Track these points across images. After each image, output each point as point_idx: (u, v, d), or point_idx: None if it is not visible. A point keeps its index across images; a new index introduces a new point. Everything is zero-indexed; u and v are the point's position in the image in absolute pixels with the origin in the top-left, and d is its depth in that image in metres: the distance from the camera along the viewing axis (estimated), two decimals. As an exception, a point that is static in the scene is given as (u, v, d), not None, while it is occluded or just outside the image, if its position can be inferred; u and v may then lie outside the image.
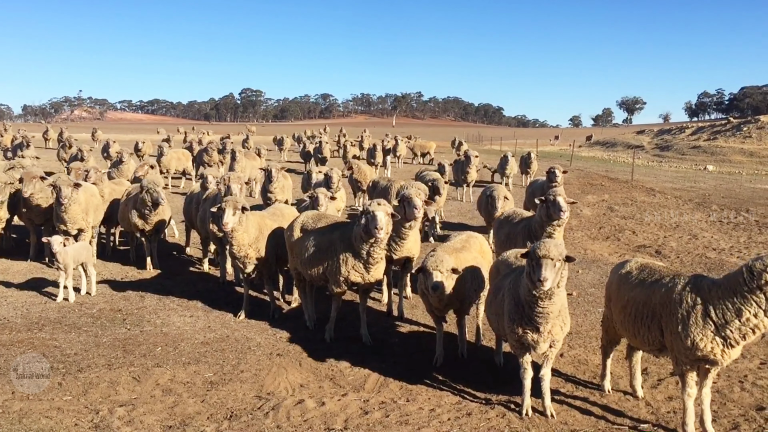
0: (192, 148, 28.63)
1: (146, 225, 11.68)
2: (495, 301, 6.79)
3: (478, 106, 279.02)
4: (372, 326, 8.67)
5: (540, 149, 51.03)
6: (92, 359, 7.63)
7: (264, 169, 15.32)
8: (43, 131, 46.96)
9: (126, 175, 17.59)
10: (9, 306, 9.56)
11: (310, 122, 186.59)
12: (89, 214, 11.64)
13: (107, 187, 13.10)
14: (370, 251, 7.86)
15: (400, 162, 36.12)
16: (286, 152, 41.35)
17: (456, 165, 22.73)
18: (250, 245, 8.97)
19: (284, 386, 7.06)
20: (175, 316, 9.32)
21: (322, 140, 32.52)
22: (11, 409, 6.30)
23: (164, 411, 6.40)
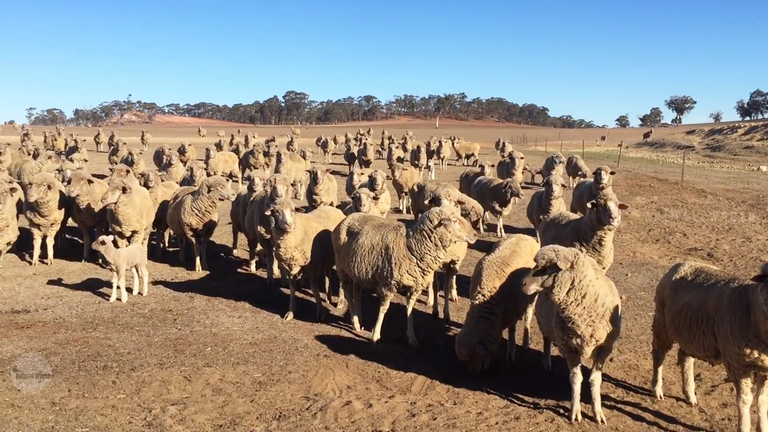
0: (238, 151, 29.03)
1: (200, 224, 11.90)
2: (546, 304, 6.73)
3: (522, 107, 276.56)
4: (418, 328, 8.66)
5: (586, 150, 50.33)
6: (145, 358, 7.80)
7: (309, 171, 15.45)
8: (94, 135, 48.21)
9: (175, 178, 17.93)
10: (65, 305, 9.84)
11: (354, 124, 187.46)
12: (143, 216, 11.91)
13: (159, 190, 13.39)
14: (437, 256, 7.93)
15: (444, 164, 36.02)
16: (330, 154, 41.60)
17: (500, 166, 22.58)
18: (296, 247, 9.06)
19: (331, 387, 7.11)
20: (224, 317, 9.46)
21: (366, 142, 32.62)
22: (68, 407, 6.48)
23: (214, 410, 6.50)
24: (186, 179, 16.07)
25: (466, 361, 7.40)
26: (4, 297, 10.20)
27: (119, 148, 27.59)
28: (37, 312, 9.49)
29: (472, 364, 7.40)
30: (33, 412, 6.33)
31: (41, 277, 11.43)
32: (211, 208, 11.96)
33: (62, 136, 42.17)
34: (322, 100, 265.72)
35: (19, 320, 9.08)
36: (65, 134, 45.59)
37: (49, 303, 9.95)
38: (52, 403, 6.54)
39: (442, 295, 9.90)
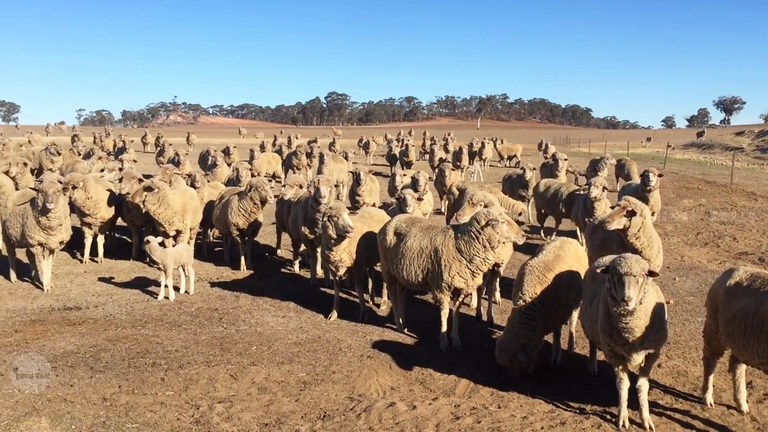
0: (281, 152, 29.32)
1: (245, 224, 12.06)
2: (590, 308, 6.64)
3: (565, 108, 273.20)
4: (461, 331, 8.63)
5: (631, 151, 49.52)
6: (192, 356, 7.93)
7: (352, 172, 15.53)
8: (141, 136, 49.21)
9: (220, 179, 18.19)
10: (114, 303, 10.06)
11: (395, 125, 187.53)
12: (186, 216, 12.11)
13: (205, 190, 13.61)
14: (486, 258, 7.92)
15: (486, 165, 35.80)
16: (371, 155, 41.72)
17: (544, 168, 22.34)
18: (344, 249, 9.12)
19: (375, 388, 7.13)
20: (269, 316, 9.56)
21: (408, 143, 32.62)
22: (118, 402, 6.63)
23: (260, 409, 6.58)
24: (231, 180, 16.29)
25: (506, 366, 7.35)
26: (57, 294, 10.49)
27: (165, 149, 28.14)
28: (88, 309, 9.73)
29: (511, 369, 7.34)
30: (85, 407, 6.50)
31: (92, 275, 11.72)
32: (256, 209, 12.13)
33: (111, 137, 43.15)
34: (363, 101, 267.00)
35: (71, 317, 9.33)
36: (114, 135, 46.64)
37: (99, 300, 10.19)
38: (103, 398, 6.70)
39: (485, 298, 9.85)
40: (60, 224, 10.42)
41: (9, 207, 10.92)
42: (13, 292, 10.56)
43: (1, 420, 6.14)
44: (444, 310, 8.33)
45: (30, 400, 6.61)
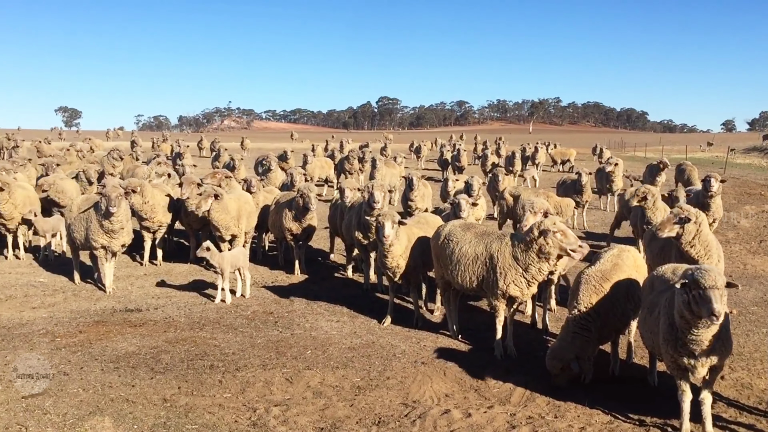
0: (333, 157, 29.53)
1: (299, 228, 12.19)
2: (649, 319, 6.50)
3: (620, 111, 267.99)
4: (516, 338, 8.54)
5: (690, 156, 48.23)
6: (248, 359, 8.05)
7: (405, 177, 15.55)
8: (197, 140, 50.25)
9: (274, 183, 18.44)
10: (173, 305, 10.29)
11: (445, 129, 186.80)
12: (241, 221, 12.31)
13: (260, 195, 13.82)
14: (541, 268, 7.84)
15: (539, 169, 35.41)
16: (423, 160, 41.69)
17: (599, 173, 21.97)
18: (401, 255, 9.14)
19: (429, 395, 7.12)
20: (323, 321, 9.64)
21: (460, 148, 32.50)
22: (178, 404, 6.77)
23: (316, 413, 6.63)
24: (285, 184, 16.50)
25: (555, 375, 7.23)
26: (119, 296, 10.79)
27: (221, 154, 28.63)
28: (148, 311, 9.97)
29: (559, 378, 7.22)
30: (146, 407, 6.66)
31: (151, 278, 12.02)
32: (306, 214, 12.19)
33: (168, 142, 44.16)
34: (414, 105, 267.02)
35: (132, 318, 9.58)
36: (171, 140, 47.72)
37: (159, 302, 10.44)
38: (163, 399, 6.86)
39: (540, 305, 9.74)
40: (122, 228, 10.74)
41: (74, 211, 11.30)
42: (77, 294, 10.91)
43: (67, 419, 6.34)
44: (499, 317, 8.26)
45: (94, 399, 6.80)
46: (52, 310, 9.96)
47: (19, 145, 35.57)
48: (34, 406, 6.58)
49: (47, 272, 12.32)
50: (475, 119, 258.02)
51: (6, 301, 10.39)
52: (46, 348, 8.27)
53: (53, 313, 9.80)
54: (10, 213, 12.92)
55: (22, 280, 11.65)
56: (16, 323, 9.25)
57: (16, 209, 12.98)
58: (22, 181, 15.27)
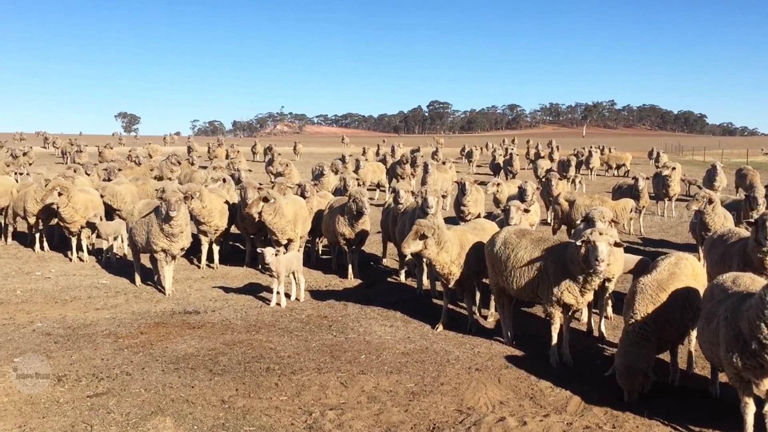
0: (385, 161, 29.66)
1: (352, 233, 12.29)
2: (708, 329, 6.33)
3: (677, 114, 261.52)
4: (572, 346, 8.42)
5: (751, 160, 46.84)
6: (303, 362, 8.15)
7: (458, 182, 15.49)
8: (251, 145, 51.06)
9: (327, 188, 18.60)
10: (230, 308, 10.49)
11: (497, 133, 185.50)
12: (297, 225, 12.49)
13: (314, 200, 13.98)
14: (588, 279, 7.70)
15: (593, 174, 34.87)
16: (474, 164, 41.49)
17: (656, 178, 21.51)
18: (452, 262, 9.14)
19: (484, 402, 7.08)
20: (376, 325, 9.69)
21: (513, 152, 32.25)
22: (235, 405, 6.90)
23: (370, 417, 6.67)
24: (338, 189, 16.64)
25: (629, 390, 7.04)
26: (177, 298, 11.05)
27: (275, 158, 29.04)
28: (206, 313, 10.19)
29: (634, 393, 7.03)
30: (205, 408, 6.81)
31: (209, 281, 12.28)
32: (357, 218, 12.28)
33: (222, 147, 44.98)
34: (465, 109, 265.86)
35: (190, 320, 9.80)
36: (226, 145, 48.61)
37: (216, 305, 10.66)
38: (221, 401, 7.00)
39: (596, 312, 9.59)
40: (181, 231, 11.02)
41: (135, 215, 11.65)
42: (138, 296, 11.22)
43: (130, 418, 6.53)
44: (555, 324, 8.17)
45: (155, 399, 6.99)
46: (114, 311, 10.28)
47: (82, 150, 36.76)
48: (98, 405, 6.80)
49: (109, 274, 12.71)
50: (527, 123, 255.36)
51: (71, 302, 10.76)
52: (110, 348, 8.53)
53: (116, 314, 10.11)
54: (71, 216, 13.40)
55: (85, 282, 12.05)
56: (80, 324, 9.57)
57: (77, 213, 13.45)
58: (84, 185, 15.80)
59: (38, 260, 14.02)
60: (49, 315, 9.98)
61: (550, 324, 8.23)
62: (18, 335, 9.02)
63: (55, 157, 46.59)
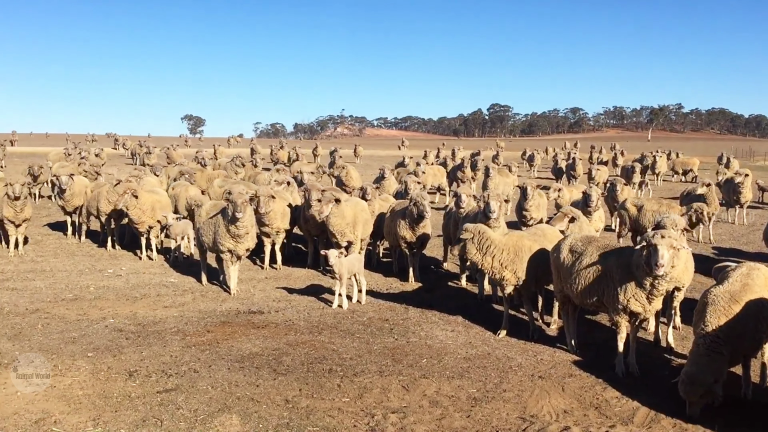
0: (446, 164, 29.58)
1: (413, 237, 12.32)
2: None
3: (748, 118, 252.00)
4: (638, 356, 8.22)
5: (828, 166, 44.86)
6: (365, 365, 8.21)
7: (519, 187, 15.35)
8: (312, 148, 51.67)
9: (388, 191, 18.68)
10: (293, 309, 10.65)
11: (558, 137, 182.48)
12: (357, 228, 12.59)
13: (376, 202, 14.07)
14: (654, 284, 7.51)
15: (659, 180, 34.00)
16: (536, 168, 40.98)
17: (726, 184, 20.84)
18: (503, 267, 9.08)
19: (547, 410, 6.99)
20: (438, 330, 9.68)
21: (575, 156, 31.73)
22: (299, 405, 7.00)
23: (432, 422, 6.67)
24: (399, 192, 16.69)
25: (692, 402, 6.85)
26: (242, 298, 11.28)
27: (336, 161, 29.32)
28: (269, 314, 10.37)
29: (696, 406, 6.81)
30: (270, 407, 6.93)
31: (272, 281, 12.50)
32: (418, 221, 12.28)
33: (285, 149, 45.63)
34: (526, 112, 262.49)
35: (255, 320, 9.99)
36: (288, 147, 49.30)
37: (279, 306, 10.83)
38: (285, 400, 7.11)
39: (664, 322, 9.35)
40: (247, 232, 11.26)
41: (203, 216, 11.96)
42: (204, 295, 11.50)
43: (198, 414, 6.70)
44: (621, 333, 8.00)
45: (222, 397, 7.15)
46: (182, 309, 10.56)
47: (151, 151, 37.88)
48: (168, 401, 7.00)
49: (177, 273, 13.07)
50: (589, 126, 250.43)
51: (141, 299, 11.11)
52: (178, 346, 8.77)
53: (183, 312, 10.38)
54: (139, 217, 13.88)
55: (154, 280, 12.42)
56: (150, 321, 9.87)
57: (145, 214, 13.91)
58: (153, 186, 16.31)
59: (110, 258, 14.53)
60: (120, 312, 10.34)
61: (616, 333, 8.07)
62: (91, 330, 9.37)
63: (124, 158, 48.18)
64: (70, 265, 13.74)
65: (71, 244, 16.09)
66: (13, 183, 14.20)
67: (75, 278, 12.53)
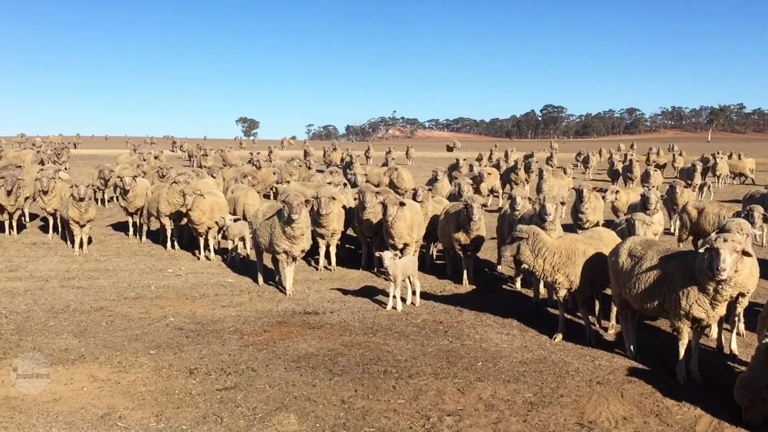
0: (499, 166, 29.34)
1: (468, 239, 12.27)
2: None
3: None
4: (700, 363, 8.01)
5: None
6: (420, 367, 8.22)
7: (575, 189, 15.14)
8: (365, 150, 51.91)
9: (441, 193, 18.66)
10: (347, 310, 10.73)
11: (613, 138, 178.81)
12: (414, 230, 12.61)
13: (429, 204, 14.07)
14: (718, 289, 7.32)
15: (721, 182, 33.04)
16: (591, 170, 40.29)
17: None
18: (555, 270, 8.99)
19: (606, 416, 6.88)
20: (493, 333, 9.63)
21: (633, 158, 31.09)
22: (355, 406, 7.06)
23: (488, 426, 6.64)
24: (453, 194, 16.65)
25: (746, 407, 6.67)
26: (297, 298, 11.43)
27: (388, 163, 29.40)
28: (324, 314, 10.48)
29: (751, 412, 6.63)
30: (326, 407, 7.01)
31: (326, 282, 12.62)
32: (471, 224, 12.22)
33: (338, 151, 45.95)
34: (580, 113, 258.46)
35: (310, 321, 10.11)
36: (341, 149, 49.64)
37: (334, 307, 10.93)
38: (341, 401, 7.18)
39: (727, 328, 9.09)
40: (302, 234, 11.41)
41: (259, 218, 12.16)
42: (261, 295, 11.69)
43: (256, 412, 6.82)
44: (682, 339, 7.81)
45: (279, 396, 7.27)
46: (239, 309, 10.76)
47: (208, 153, 38.63)
48: (227, 399, 7.15)
49: (234, 273, 13.32)
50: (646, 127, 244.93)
51: (200, 299, 11.36)
52: (236, 345, 8.94)
53: (240, 312, 10.58)
54: (199, 218, 14.22)
55: (212, 280, 12.69)
56: (209, 320, 10.09)
57: (204, 215, 14.24)
58: (211, 187, 16.66)
59: (169, 258, 14.90)
60: (180, 310, 10.59)
61: (677, 339, 7.89)
62: (153, 329, 9.62)
63: (182, 160, 49.25)
64: (132, 264, 14.15)
65: (132, 244, 16.56)
66: (78, 184, 14.72)
67: (137, 277, 12.90)
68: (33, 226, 18.87)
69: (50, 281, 12.46)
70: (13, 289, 11.79)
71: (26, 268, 13.55)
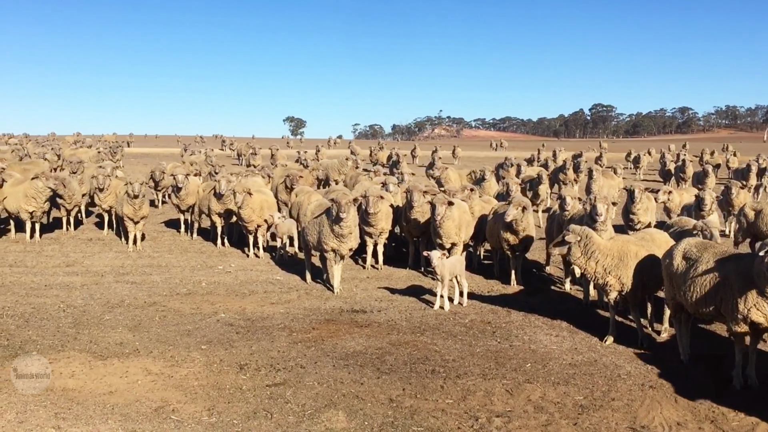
0: (547, 166, 29.00)
1: (516, 239, 12.17)
2: None
3: None
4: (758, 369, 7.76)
5: None
6: (468, 367, 8.19)
7: (626, 189, 14.89)
8: (411, 149, 51.89)
9: (488, 193, 18.53)
10: (395, 309, 10.75)
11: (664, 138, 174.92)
12: (461, 230, 12.56)
13: (477, 204, 14.00)
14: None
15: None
16: (642, 170, 39.50)
17: None
18: (607, 272, 8.85)
19: (659, 421, 6.75)
20: (541, 334, 9.53)
21: (685, 158, 30.39)
22: (403, 405, 7.07)
23: (538, 428, 6.58)
24: (501, 194, 16.53)
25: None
26: (345, 297, 11.50)
27: (435, 162, 29.33)
28: (372, 313, 10.52)
29: None
30: (374, 405, 7.04)
31: (374, 281, 12.67)
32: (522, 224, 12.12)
33: (384, 151, 46.01)
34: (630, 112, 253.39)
35: (358, 319, 10.16)
36: (387, 148, 49.67)
37: (381, 305, 10.96)
38: (389, 399, 7.20)
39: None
40: (350, 232, 11.48)
41: (308, 216, 12.29)
42: (309, 293, 11.80)
43: (305, 409, 6.89)
44: (740, 344, 7.61)
45: (327, 393, 7.32)
46: (288, 306, 10.88)
47: (256, 152, 39.15)
48: (276, 395, 7.24)
49: (282, 271, 13.47)
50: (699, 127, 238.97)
51: (249, 295, 11.53)
52: (285, 341, 9.05)
53: (289, 309, 10.69)
54: (249, 216, 14.45)
55: (261, 278, 12.86)
56: (258, 316, 10.23)
57: (254, 213, 14.46)
58: (260, 186, 16.87)
59: (219, 255, 15.15)
60: (230, 307, 10.76)
61: (734, 344, 7.69)
62: (204, 324, 9.80)
63: (231, 159, 50.04)
64: (184, 261, 14.43)
65: (184, 241, 16.90)
66: (133, 182, 15.10)
67: (188, 274, 13.15)
68: (89, 222, 19.39)
69: (105, 276, 12.81)
70: (71, 283, 12.15)
71: (83, 263, 13.95)
